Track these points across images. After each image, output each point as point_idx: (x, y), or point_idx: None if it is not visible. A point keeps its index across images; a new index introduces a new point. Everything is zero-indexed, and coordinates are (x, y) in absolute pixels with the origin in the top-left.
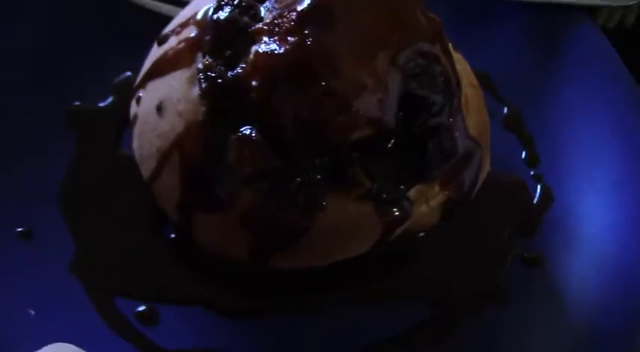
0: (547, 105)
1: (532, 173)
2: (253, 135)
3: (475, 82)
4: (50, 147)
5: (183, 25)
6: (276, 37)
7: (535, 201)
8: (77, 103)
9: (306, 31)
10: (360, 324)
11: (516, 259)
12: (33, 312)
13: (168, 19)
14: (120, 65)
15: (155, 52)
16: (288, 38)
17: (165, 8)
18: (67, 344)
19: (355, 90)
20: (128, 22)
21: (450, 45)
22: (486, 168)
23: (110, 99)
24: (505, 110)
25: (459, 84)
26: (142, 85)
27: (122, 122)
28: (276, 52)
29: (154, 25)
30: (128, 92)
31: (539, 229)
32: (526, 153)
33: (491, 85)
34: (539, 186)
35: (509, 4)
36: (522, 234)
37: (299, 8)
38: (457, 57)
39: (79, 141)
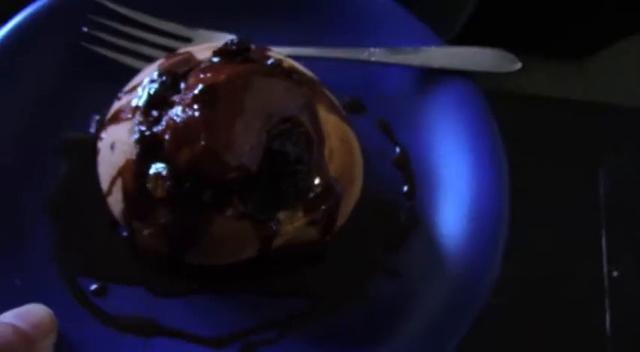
0: (430, 149)
1: (408, 204)
2: (164, 173)
3: (343, 136)
4: (44, 167)
5: (132, 90)
6: (180, 108)
7: (405, 225)
8: (68, 133)
9: (195, 107)
10: (254, 307)
11: (383, 270)
12: (19, 282)
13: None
14: (98, 106)
15: (115, 105)
16: (186, 109)
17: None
18: (40, 305)
19: (227, 149)
20: (104, 72)
21: (321, 110)
22: (352, 200)
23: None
24: (397, 151)
25: (322, 140)
26: (105, 127)
27: None
28: (177, 118)
29: (122, 73)
30: None
31: (404, 249)
32: (406, 188)
33: (389, 131)
34: (410, 215)
35: (409, 69)
36: (390, 250)
37: (194, 92)
38: (331, 118)
39: (69, 161)
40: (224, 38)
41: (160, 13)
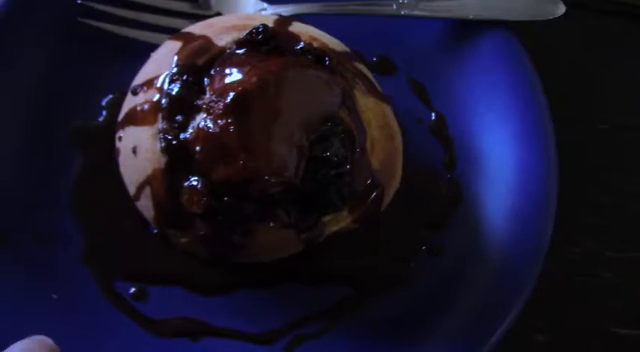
0: (468, 114)
1: (448, 175)
2: (199, 186)
3: (383, 122)
4: (59, 159)
5: (149, 85)
6: (211, 117)
7: (447, 199)
8: (76, 121)
9: (229, 120)
10: (301, 299)
11: (426, 249)
12: (55, 296)
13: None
14: (106, 88)
15: (130, 101)
16: (218, 121)
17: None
18: (44, 341)
19: (268, 166)
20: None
21: (359, 95)
22: (393, 187)
23: (104, 115)
24: (433, 117)
25: (364, 132)
26: (122, 126)
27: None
28: (210, 130)
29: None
30: (117, 109)
31: (447, 225)
32: (445, 157)
33: (424, 95)
34: (451, 188)
35: (442, 22)
36: (432, 229)
37: (226, 101)
38: (369, 103)
39: (84, 153)
40: None
41: None
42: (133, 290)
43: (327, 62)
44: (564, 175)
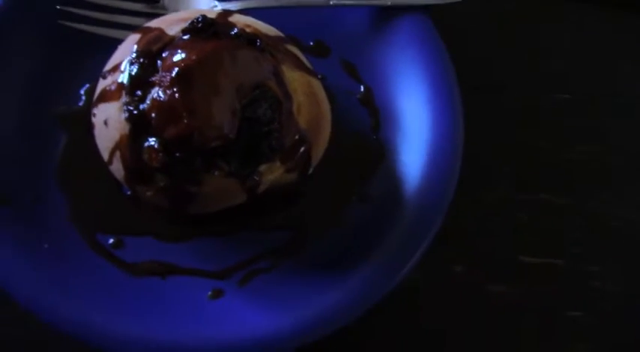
0: (391, 86)
1: (374, 136)
2: (155, 145)
3: (309, 91)
4: (48, 137)
5: (114, 69)
6: (161, 89)
7: (373, 156)
8: (61, 107)
9: (174, 89)
10: (252, 242)
11: (356, 197)
12: (47, 246)
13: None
14: (84, 78)
15: (101, 84)
16: (167, 91)
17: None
18: None
19: (207, 123)
20: (86, 48)
21: (286, 70)
22: (322, 144)
23: (84, 101)
24: (362, 89)
25: (290, 98)
26: (95, 104)
27: None
28: (161, 99)
29: (101, 49)
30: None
31: (373, 177)
32: (372, 122)
33: (354, 71)
34: (376, 146)
35: (367, 8)
36: (361, 180)
37: (172, 74)
38: (296, 75)
39: (68, 132)
40: None
41: None
42: (111, 240)
43: (258, 43)
44: (479, 131)
